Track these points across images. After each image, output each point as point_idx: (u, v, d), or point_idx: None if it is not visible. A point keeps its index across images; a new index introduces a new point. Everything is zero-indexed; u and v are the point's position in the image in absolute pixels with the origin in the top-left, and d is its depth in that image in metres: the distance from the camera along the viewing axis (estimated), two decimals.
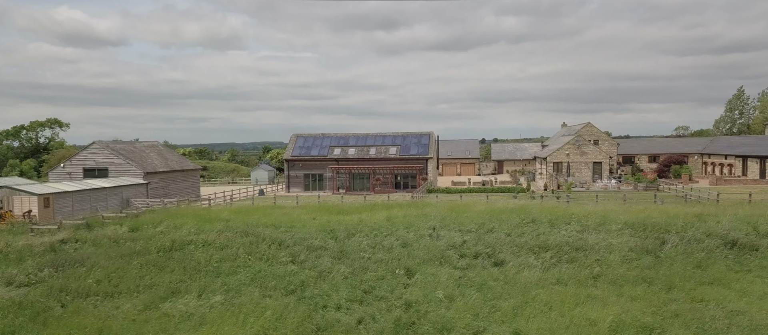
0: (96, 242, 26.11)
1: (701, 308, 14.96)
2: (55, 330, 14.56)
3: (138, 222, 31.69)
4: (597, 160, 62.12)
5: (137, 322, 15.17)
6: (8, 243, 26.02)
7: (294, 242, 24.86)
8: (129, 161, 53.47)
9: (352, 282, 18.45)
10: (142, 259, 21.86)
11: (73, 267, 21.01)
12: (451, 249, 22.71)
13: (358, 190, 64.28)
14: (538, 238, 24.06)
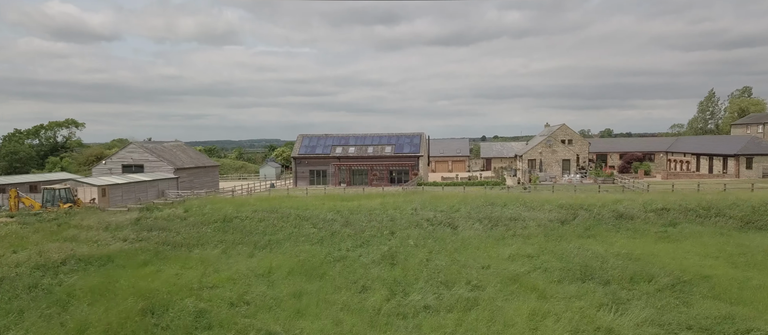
0: (166, 218, 35.61)
1: (568, 247, 24.53)
2: (173, 261, 24.08)
3: (187, 206, 41.20)
4: (566, 157, 71.60)
5: (220, 258, 24.68)
6: (99, 219, 35.53)
7: (311, 217, 34.38)
8: (161, 159, 62.92)
9: (353, 238, 27.98)
10: (208, 227, 31.40)
11: (161, 232, 30.54)
12: (424, 221, 32.24)
13: (357, 184, 73.58)
14: (488, 214, 33.59)
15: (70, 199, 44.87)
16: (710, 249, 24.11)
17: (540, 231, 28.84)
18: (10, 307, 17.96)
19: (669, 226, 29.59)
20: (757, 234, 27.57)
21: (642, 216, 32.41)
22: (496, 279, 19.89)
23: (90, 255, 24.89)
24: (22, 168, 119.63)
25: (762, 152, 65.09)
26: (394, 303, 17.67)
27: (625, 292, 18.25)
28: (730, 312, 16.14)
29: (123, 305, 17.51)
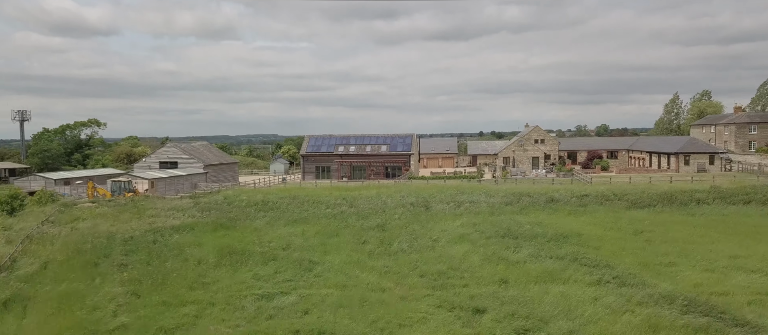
0: (213, 203, 46.57)
1: (502, 219, 35.54)
2: (234, 229, 35.00)
3: (225, 195, 52.18)
4: (535, 155, 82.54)
5: (266, 227, 35.62)
6: (163, 204, 46.47)
7: (324, 201, 45.40)
8: (192, 157, 73.77)
9: (356, 215, 39.00)
10: (250, 208, 42.44)
11: (214, 212, 41.52)
12: (408, 204, 43.26)
13: (357, 179, 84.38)
14: (455, 199, 44.63)
15: (131, 190, 55.74)
16: (597, 220, 35.23)
17: (487, 209, 39.90)
18: (148, 252, 28.98)
19: (580, 206, 40.63)
20: (636, 211, 38.66)
21: (566, 200, 43.47)
22: (448, 236, 30.94)
23: (176, 225, 35.87)
24: (53, 164, 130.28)
25: (697, 151, 76.22)
26: (382, 249, 28.71)
27: (525, 242, 29.28)
28: (584, 251, 27.18)
29: (211, 251, 28.58)
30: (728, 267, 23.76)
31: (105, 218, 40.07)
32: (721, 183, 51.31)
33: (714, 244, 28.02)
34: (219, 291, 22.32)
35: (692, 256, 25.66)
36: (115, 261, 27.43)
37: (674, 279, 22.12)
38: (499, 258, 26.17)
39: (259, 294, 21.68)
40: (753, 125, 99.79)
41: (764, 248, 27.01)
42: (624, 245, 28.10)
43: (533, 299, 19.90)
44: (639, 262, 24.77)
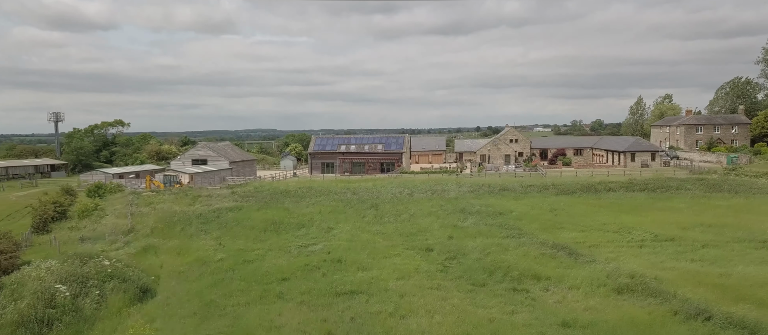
0: (248, 191, 59.39)
1: (463, 202, 48.41)
2: (271, 209, 47.90)
3: (254, 185, 64.98)
4: (507, 153, 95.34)
5: (294, 207, 48.51)
6: (209, 193, 59.28)
7: (332, 191, 58.25)
8: (219, 155, 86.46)
9: (357, 200, 51.90)
10: (279, 195, 55.30)
11: (251, 198, 54.39)
12: (396, 192, 56.14)
13: (357, 173, 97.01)
14: (433, 189, 57.49)
15: (177, 182, 68.50)
16: (528, 202, 48.14)
17: (454, 195, 52.79)
18: (217, 223, 41.86)
19: (522, 193, 53.54)
20: (561, 196, 51.58)
21: (514, 188, 56.37)
22: (421, 212, 43.87)
23: (229, 206, 48.73)
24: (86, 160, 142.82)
25: (641, 149, 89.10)
26: (375, 221, 41.60)
27: (472, 215, 42.17)
28: (509, 221, 40.01)
29: (270, 219, 41.52)
30: (595, 229, 36.69)
31: (171, 202, 52.88)
32: (643, 176, 64.37)
33: (596, 216, 41.00)
34: (271, 244, 35.15)
35: (577, 224, 38.61)
36: (196, 228, 40.31)
37: (556, 236, 34.98)
38: (452, 225, 39.06)
39: (298, 245, 34.51)
40: (699, 126, 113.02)
41: (627, 218, 39.96)
42: (537, 217, 41.02)
43: (464, 245, 32.74)
44: (540, 227, 37.67)
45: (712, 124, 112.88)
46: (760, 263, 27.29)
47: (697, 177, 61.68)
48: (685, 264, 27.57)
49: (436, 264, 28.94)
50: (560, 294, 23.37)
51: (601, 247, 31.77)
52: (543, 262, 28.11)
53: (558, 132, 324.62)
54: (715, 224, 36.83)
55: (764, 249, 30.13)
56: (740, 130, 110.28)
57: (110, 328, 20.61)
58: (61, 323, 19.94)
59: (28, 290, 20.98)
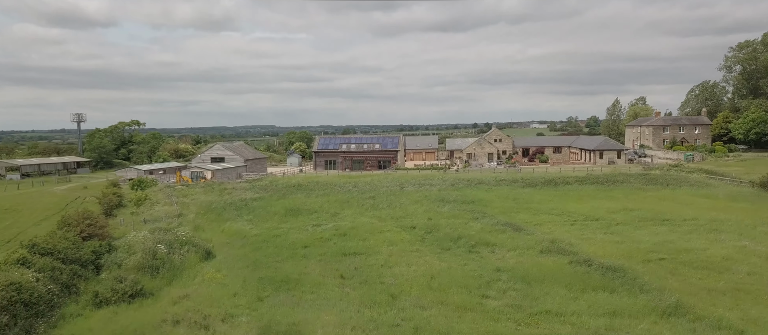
0: (264, 185, 68.92)
1: (444, 192, 58.01)
2: (288, 199, 57.54)
3: (269, 180, 74.49)
4: (491, 151, 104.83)
5: (305, 198, 58.11)
6: (233, 186, 68.86)
7: (336, 184, 67.81)
8: (235, 153, 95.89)
9: (358, 192, 61.50)
10: (293, 188, 64.90)
11: (269, 190, 63.99)
12: (391, 186, 65.72)
13: (356, 170, 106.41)
14: (421, 183, 67.06)
15: (202, 177, 77.98)
16: (497, 193, 57.72)
17: (437, 188, 62.35)
18: (246, 210, 51.46)
19: (494, 186, 63.10)
20: (526, 188, 61.14)
21: (488, 182, 65.93)
22: (409, 201, 53.48)
23: (253, 197, 58.26)
24: (106, 157, 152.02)
25: (608, 148, 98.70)
26: (373, 208, 51.20)
27: (449, 203, 51.73)
28: (477, 207, 49.61)
29: (288, 206, 51.19)
30: (543, 213, 46.29)
31: (202, 193, 62.40)
32: (601, 172, 74.03)
33: (548, 203, 50.64)
34: (291, 225, 44.67)
35: (530, 209, 48.25)
36: (230, 213, 49.90)
37: (511, 217, 44.58)
38: (432, 210, 48.65)
39: (312, 225, 44.06)
40: (666, 127, 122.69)
41: (572, 205, 49.58)
42: (500, 204, 50.66)
43: (439, 224, 42.28)
44: (500, 211, 47.30)
45: (678, 124, 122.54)
46: (651, 235, 36.91)
47: (643, 172, 71.42)
48: (597, 235, 37.21)
49: (417, 236, 38.56)
50: (501, 254, 32.96)
51: (543, 225, 41.37)
52: (494, 234, 37.73)
53: (554, 128, 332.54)
54: (635, 208, 46.51)
55: (661, 225, 39.77)
56: (702, 130, 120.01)
57: (192, 274, 30.12)
58: (162, 270, 29.46)
59: (138, 248, 30.49)
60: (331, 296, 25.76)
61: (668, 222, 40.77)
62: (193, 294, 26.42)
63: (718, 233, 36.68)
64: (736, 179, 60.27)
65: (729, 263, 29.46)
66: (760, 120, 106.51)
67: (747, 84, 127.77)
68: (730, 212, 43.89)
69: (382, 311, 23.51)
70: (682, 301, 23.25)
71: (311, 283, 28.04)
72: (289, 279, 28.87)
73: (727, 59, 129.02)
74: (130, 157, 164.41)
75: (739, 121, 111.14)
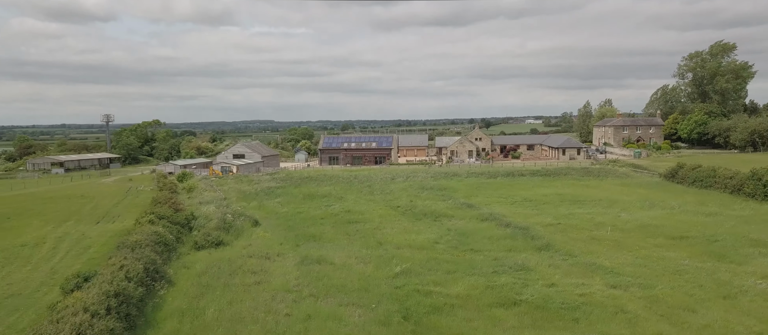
0: (282, 177, 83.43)
1: (426, 182, 72.54)
2: (303, 187, 72.11)
3: (284, 173, 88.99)
4: (471, 149, 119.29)
5: (317, 186, 72.68)
6: (258, 178, 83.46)
7: (340, 177, 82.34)
8: (253, 151, 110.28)
9: (358, 182, 76.08)
10: (303, 179, 79.50)
11: (287, 180, 78.62)
12: (384, 177, 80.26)
13: (356, 165, 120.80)
14: (408, 175, 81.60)
15: (230, 171, 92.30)
16: (466, 182, 72.26)
17: (420, 179, 76.80)
18: (273, 196, 66.07)
19: (465, 177, 77.54)
20: (490, 178, 75.60)
21: (462, 175, 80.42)
22: (397, 189, 68.10)
23: (273, 186, 72.75)
24: (133, 154, 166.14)
25: (570, 146, 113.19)
26: (369, 193, 65.82)
27: (428, 191, 66.29)
28: (449, 193, 64.14)
29: (305, 192, 65.89)
30: (495, 196, 60.82)
31: (235, 183, 76.79)
32: (555, 166, 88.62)
33: (501, 190, 65.15)
34: (309, 205, 59.09)
35: (486, 193, 62.78)
36: (262, 198, 64.39)
37: (469, 199, 59.07)
38: (413, 195, 63.17)
39: (324, 206, 58.49)
40: (625, 127, 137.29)
41: (519, 191, 64.11)
42: (465, 191, 65.20)
43: (416, 204, 56.75)
44: (463, 195, 61.83)
45: (635, 125, 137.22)
46: (564, 210, 51.46)
47: (584, 166, 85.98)
48: (525, 211, 51.79)
49: (399, 212, 53.11)
50: (454, 221, 47.47)
51: (491, 205, 55.91)
52: (453, 210, 52.32)
53: (548, 124, 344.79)
54: (563, 193, 61.12)
55: (574, 204, 54.35)
56: (656, 130, 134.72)
57: (249, 234, 44.50)
58: (230, 230, 43.89)
59: (213, 216, 44.96)
60: (341, 244, 40.32)
61: (581, 202, 55.41)
62: (253, 244, 40.89)
63: (609, 208, 51.34)
64: (653, 171, 74.93)
65: (602, 226, 44.05)
66: (701, 121, 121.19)
67: (697, 89, 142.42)
68: (630, 195, 58.58)
69: (372, 250, 38.04)
70: (551, 243, 37.86)
71: (328, 238, 42.58)
72: (314, 235, 43.43)
73: (680, 67, 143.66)
74: (153, 153, 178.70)
75: (684, 122, 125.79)
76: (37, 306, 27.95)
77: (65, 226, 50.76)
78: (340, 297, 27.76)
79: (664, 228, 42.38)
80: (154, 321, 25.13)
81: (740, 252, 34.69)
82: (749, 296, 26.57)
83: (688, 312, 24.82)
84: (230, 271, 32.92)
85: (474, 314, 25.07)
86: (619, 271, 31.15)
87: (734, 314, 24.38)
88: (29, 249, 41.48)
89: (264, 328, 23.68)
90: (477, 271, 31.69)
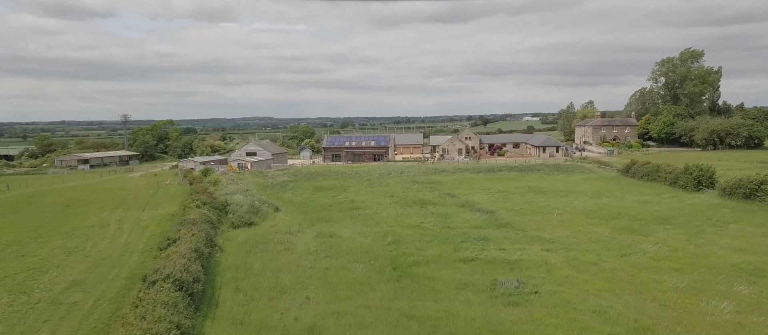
0: (292, 172, 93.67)
1: (418, 176, 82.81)
2: (315, 180, 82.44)
3: (294, 169, 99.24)
4: (460, 147, 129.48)
5: (324, 179, 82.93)
6: (273, 173, 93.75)
7: (343, 172, 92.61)
8: (264, 149, 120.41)
9: (358, 177, 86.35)
10: (311, 174, 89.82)
11: (298, 175, 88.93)
12: (381, 172, 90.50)
13: (357, 162, 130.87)
14: (401, 171, 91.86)
15: (245, 167, 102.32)
16: (452, 177, 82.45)
17: (412, 174, 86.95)
18: (287, 188, 76.39)
19: (451, 173, 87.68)
20: (472, 174, 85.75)
21: (449, 170, 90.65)
22: (393, 183, 78.40)
23: (286, 180, 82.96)
24: (150, 151, 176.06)
25: (550, 145, 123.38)
26: (369, 187, 76.11)
27: (418, 184, 76.57)
28: (436, 186, 74.46)
29: (314, 185, 76.27)
30: (474, 188, 71.05)
31: (251, 178, 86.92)
32: (532, 163, 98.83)
33: (481, 183, 75.35)
34: (318, 196, 69.26)
35: (467, 186, 73.01)
36: (277, 189, 74.59)
37: (453, 190, 69.28)
38: (406, 187, 73.39)
39: (331, 196, 68.65)
40: (603, 127, 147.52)
41: (494, 184, 74.31)
42: (450, 184, 75.39)
43: (408, 195, 66.97)
44: (448, 187, 72.05)
45: (612, 125, 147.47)
46: (528, 198, 61.63)
47: (557, 163, 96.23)
48: (496, 199, 61.99)
49: (394, 200, 63.32)
50: (437, 207, 57.65)
51: (469, 194, 66.10)
52: (438, 199, 62.56)
53: (545, 121, 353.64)
54: (532, 185, 71.35)
55: (538, 194, 64.52)
56: (630, 130, 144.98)
57: (272, 217, 54.65)
58: (258, 214, 54.06)
59: (244, 203, 55.16)
60: (347, 224, 50.53)
61: (544, 192, 65.69)
62: (277, 224, 51.06)
63: (565, 197, 61.60)
64: (614, 167, 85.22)
65: (555, 210, 54.27)
66: (669, 122, 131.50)
67: (669, 92, 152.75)
68: (586, 187, 68.84)
69: (371, 228, 48.23)
70: (510, 223, 48.10)
71: (336, 220, 52.80)
72: (324, 218, 53.67)
73: (654, 72, 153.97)
74: (167, 151, 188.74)
75: (654, 123, 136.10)
76: (127, 265, 38.20)
77: (118, 212, 61.08)
78: (348, 257, 38.00)
79: (602, 212, 52.69)
80: (218, 271, 35.37)
81: (649, 228, 45.02)
82: (638, 255, 36.85)
83: (591, 264, 35.06)
84: (264, 242, 43.20)
85: (442, 266, 35.31)
86: (554, 241, 41.43)
87: (622, 264, 34.66)
88: (99, 229, 51.73)
89: (297, 274, 33.94)
90: (449, 241, 41.95)
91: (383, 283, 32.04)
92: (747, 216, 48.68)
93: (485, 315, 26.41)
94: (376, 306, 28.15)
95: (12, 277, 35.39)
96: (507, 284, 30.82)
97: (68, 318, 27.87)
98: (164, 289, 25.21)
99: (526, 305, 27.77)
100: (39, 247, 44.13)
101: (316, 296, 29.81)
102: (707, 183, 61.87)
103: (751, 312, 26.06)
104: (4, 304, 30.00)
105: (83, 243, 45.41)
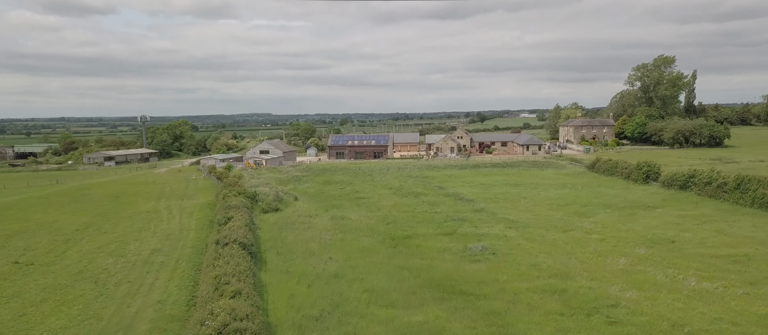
0: (303, 168, 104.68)
1: (412, 171, 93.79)
2: (326, 175, 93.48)
3: (304, 166, 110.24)
4: (452, 145, 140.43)
5: (333, 175, 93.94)
6: (287, 168, 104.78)
7: (348, 168, 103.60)
8: (276, 147, 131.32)
9: (361, 172, 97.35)
10: (319, 170, 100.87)
11: (309, 170, 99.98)
12: (381, 168, 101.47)
13: (359, 159, 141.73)
14: (399, 167, 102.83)
15: (261, 164, 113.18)
16: (444, 173, 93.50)
17: (407, 170, 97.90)
18: (303, 181, 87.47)
19: (443, 169, 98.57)
20: (461, 170, 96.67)
21: (440, 167, 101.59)
22: (392, 177, 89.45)
23: (299, 175, 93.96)
24: (167, 149, 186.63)
25: (533, 143, 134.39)
26: (370, 180, 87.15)
27: (413, 179, 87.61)
28: (429, 181, 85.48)
29: (323, 179, 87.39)
30: (461, 181, 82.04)
31: (268, 173, 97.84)
32: (514, 160, 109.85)
33: (466, 177, 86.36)
34: (328, 189, 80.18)
35: (455, 179, 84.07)
36: (293, 183, 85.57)
37: (443, 184, 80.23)
38: (402, 181, 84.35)
39: (339, 188, 79.61)
40: (583, 127, 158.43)
41: (478, 178, 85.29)
42: (440, 178, 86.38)
43: (404, 187, 77.93)
44: (438, 182, 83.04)
45: (591, 125, 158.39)
46: (502, 189, 72.59)
47: (535, 160, 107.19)
48: (476, 190, 72.96)
49: (391, 192, 74.29)
50: (428, 197, 68.61)
51: (457, 187, 77.02)
52: (428, 190, 73.58)
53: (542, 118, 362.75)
54: (508, 179, 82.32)
55: (513, 186, 75.48)
56: (608, 130, 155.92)
57: (293, 205, 65.55)
58: (282, 202, 65.00)
59: (269, 193, 66.09)
60: (354, 210, 61.50)
61: (518, 184, 76.71)
62: (298, 210, 62.01)
63: (535, 189, 72.60)
64: (583, 164, 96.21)
65: (523, 198, 65.21)
66: (641, 122, 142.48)
67: (644, 95, 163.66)
68: (555, 180, 79.82)
69: (374, 213, 59.18)
70: (484, 208, 59.09)
71: (345, 207, 63.79)
72: (336, 205, 64.68)
73: (630, 76, 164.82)
74: (182, 149, 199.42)
75: (629, 123, 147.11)
76: (188, 239, 49.17)
77: (161, 202, 72.00)
78: (357, 233, 49.01)
79: (561, 200, 63.75)
80: (260, 242, 46.38)
81: (594, 211, 56.10)
82: (576, 231, 47.89)
83: (539, 237, 46.06)
84: (291, 222, 54.24)
85: (428, 238, 46.32)
86: (516, 221, 52.47)
87: (563, 237, 45.69)
88: (154, 214, 62.67)
89: (320, 243, 44.98)
90: (434, 221, 52.98)
91: (384, 249, 43.09)
92: (674, 202, 59.81)
93: (456, 267, 37.46)
94: (379, 262, 39.19)
95: (106, 247, 46.39)
96: (474, 249, 41.86)
97: (162, 270, 38.88)
98: (234, 248, 36.18)
99: (485, 261, 38.80)
100: (113, 227, 55.10)
101: (336, 256, 40.87)
102: (653, 176, 72.90)
103: (638, 264, 37.12)
104: (112, 263, 41.01)
105: (147, 224, 56.41)
